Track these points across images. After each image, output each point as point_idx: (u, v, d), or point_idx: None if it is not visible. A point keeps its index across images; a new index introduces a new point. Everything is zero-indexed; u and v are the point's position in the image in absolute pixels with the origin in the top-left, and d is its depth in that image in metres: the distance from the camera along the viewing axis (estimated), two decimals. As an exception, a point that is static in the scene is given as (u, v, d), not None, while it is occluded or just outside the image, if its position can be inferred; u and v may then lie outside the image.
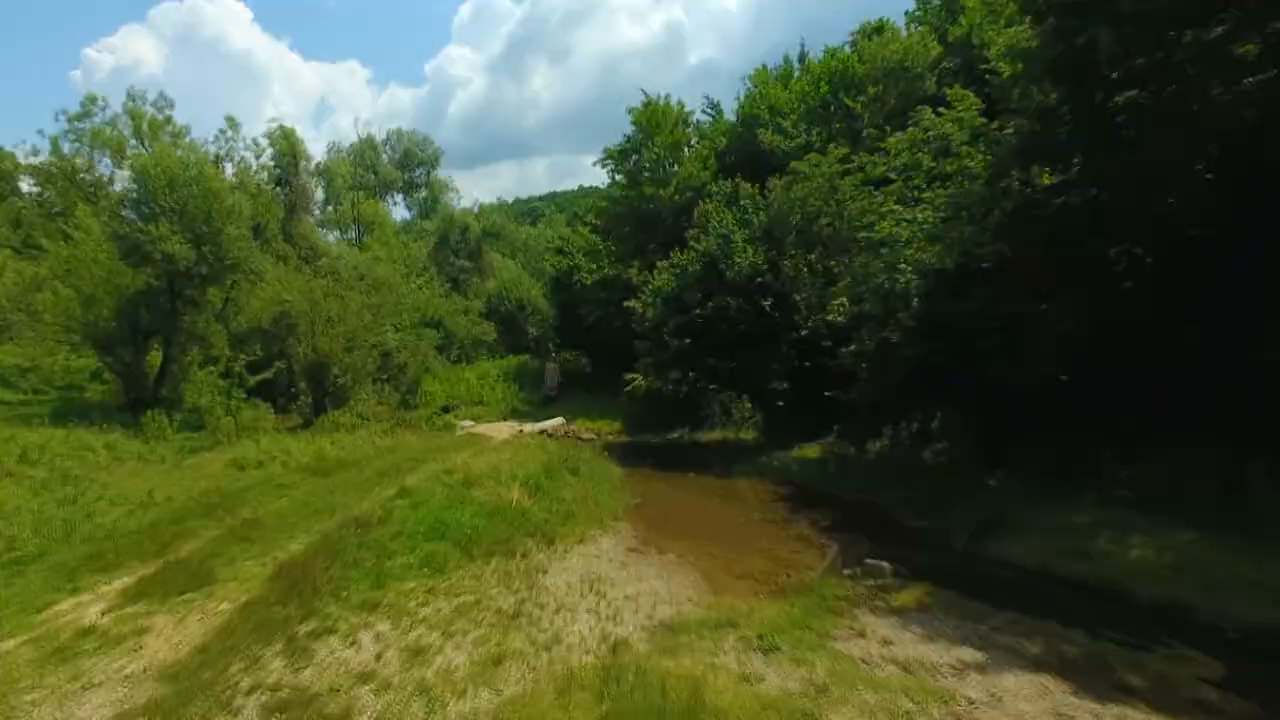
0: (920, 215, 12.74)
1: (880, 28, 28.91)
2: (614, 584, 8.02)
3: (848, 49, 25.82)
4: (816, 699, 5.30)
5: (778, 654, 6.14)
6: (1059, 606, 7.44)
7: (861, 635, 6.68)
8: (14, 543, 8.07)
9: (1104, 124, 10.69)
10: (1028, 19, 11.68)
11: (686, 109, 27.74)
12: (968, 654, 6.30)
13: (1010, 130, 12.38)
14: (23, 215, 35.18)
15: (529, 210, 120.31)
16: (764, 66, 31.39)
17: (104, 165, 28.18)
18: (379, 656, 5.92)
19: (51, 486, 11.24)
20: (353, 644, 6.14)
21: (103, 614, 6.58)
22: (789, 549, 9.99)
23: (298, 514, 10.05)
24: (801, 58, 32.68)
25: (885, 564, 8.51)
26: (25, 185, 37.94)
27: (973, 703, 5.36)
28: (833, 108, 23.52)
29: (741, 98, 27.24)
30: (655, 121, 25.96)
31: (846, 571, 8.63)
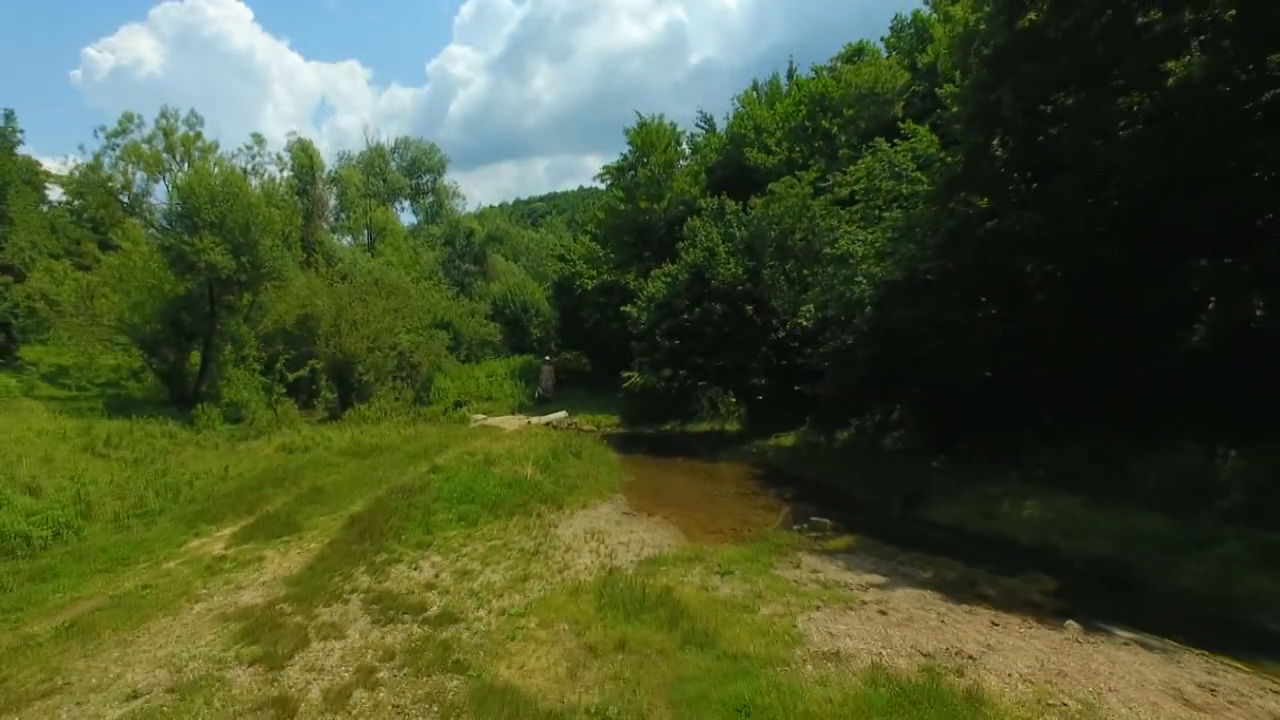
0: (870, 236, 14.88)
1: (861, 49, 31.19)
2: (610, 535, 10.17)
3: (833, 71, 27.93)
4: (754, 599, 7.45)
5: (731, 576, 8.28)
6: (956, 549, 9.61)
7: (797, 567, 8.82)
8: (142, 501, 10.22)
9: (1020, 163, 12.90)
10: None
11: (679, 129, 29.98)
12: (874, 578, 8.46)
13: (957, 160, 14.53)
14: (57, 222, 37.42)
15: (529, 211, 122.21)
16: (753, 86, 33.65)
17: (138, 178, 30.31)
18: (436, 576, 8.07)
19: (140, 464, 13.39)
20: (416, 568, 8.29)
21: (226, 548, 8.74)
22: (755, 514, 12.15)
23: (351, 484, 12.22)
24: (790, 74, 34.96)
25: (827, 521, 10.67)
26: (54, 194, 40.21)
27: (865, 603, 7.50)
28: (811, 129, 25.68)
29: (731, 117, 29.37)
30: (650, 140, 28.14)
31: (796, 527, 10.78)
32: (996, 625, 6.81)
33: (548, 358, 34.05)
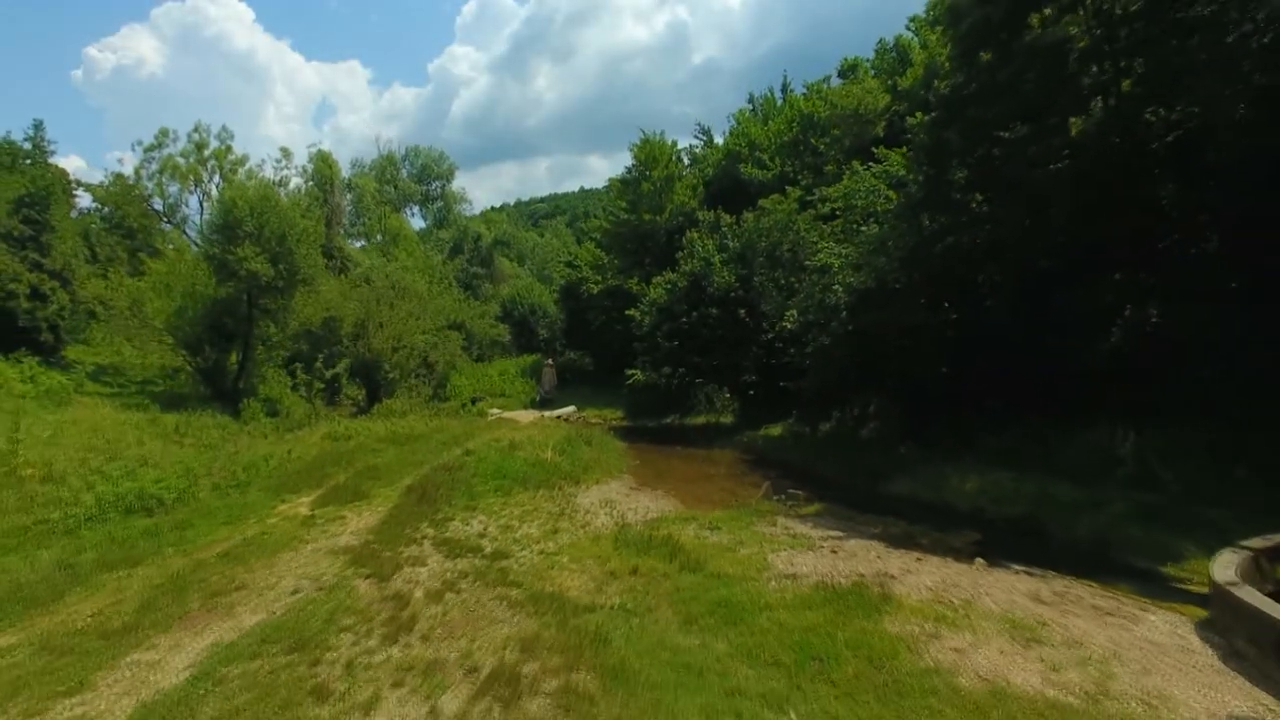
0: (844, 251, 16.98)
1: (855, 66, 33.38)
2: (621, 503, 12.26)
3: (821, 94, 30.04)
4: (735, 544, 9.54)
5: (719, 530, 10.37)
6: (905, 514, 11.68)
7: (773, 525, 10.91)
8: (234, 475, 12.31)
9: (970, 188, 14.98)
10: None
11: (677, 145, 32.17)
12: (834, 532, 10.54)
13: (919, 185, 16.60)
14: (90, 229, 39.58)
15: (531, 213, 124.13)
16: (749, 100, 35.74)
17: (173, 190, 32.42)
18: (485, 529, 10.16)
19: (212, 448, 15.47)
20: (468, 524, 10.38)
21: (311, 510, 10.85)
22: (742, 489, 14.24)
23: (398, 465, 14.32)
24: (785, 88, 37.12)
25: (801, 493, 12.78)
26: (84, 201, 42.37)
27: (822, 547, 9.60)
28: (801, 146, 27.79)
29: (728, 133, 31.50)
30: (652, 156, 30.29)
31: (775, 498, 12.88)
32: (920, 560, 8.90)
33: (549, 361, 35.99)
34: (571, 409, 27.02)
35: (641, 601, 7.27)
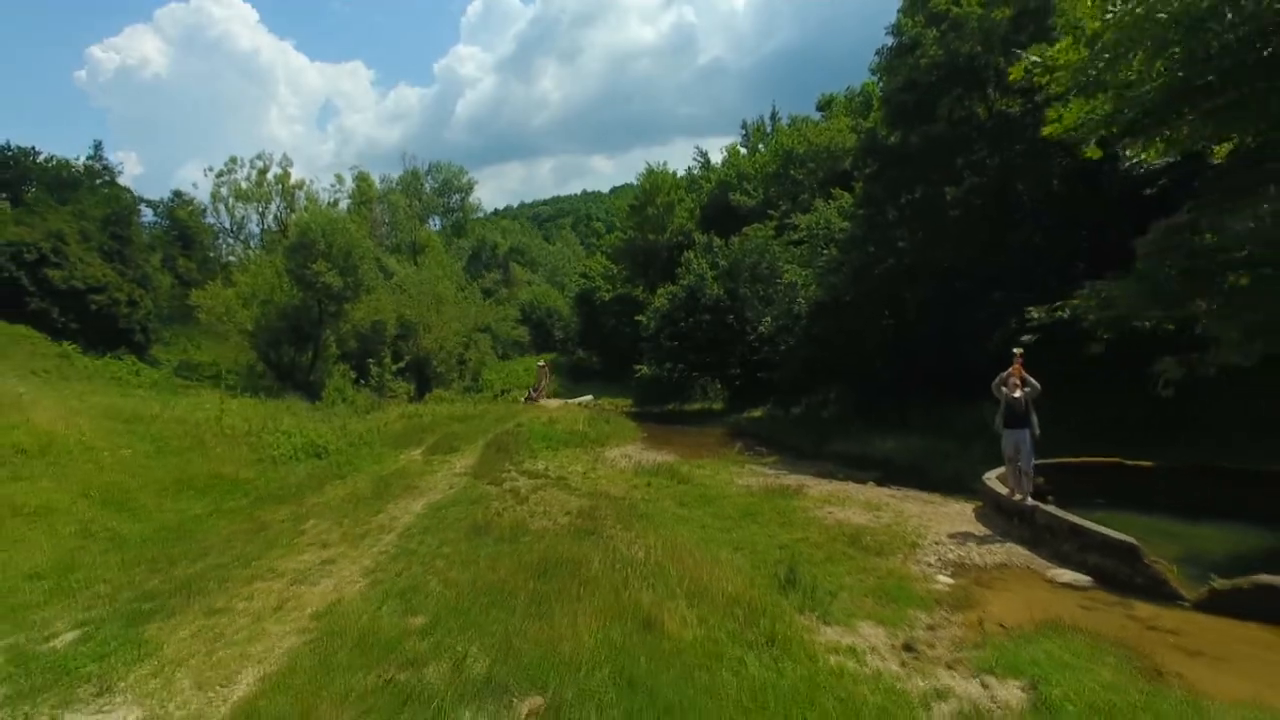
0: (804, 272, 21.91)
1: (830, 101, 38.38)
2: (636, 456, 17.18)
3: (798, 127, 35.01)
4: (714, 474, 14.46)
5: (704, 469, 15.27)
6: (836, 462, 16.60)
7: (741, 467, 15.83)
8: (363, 436, 17.20)
9: (898, 225, 19.87)
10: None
11: (679, 175, 37.36)
12: (781, 471, 15.44)
13: (860, 221, 21.48)
14: (157, 241, 44.61)
15: (534, 215, 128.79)
16: (742, 125, 40.70)
17: (238, 209, 37.39)
18: (546, 467, 15.05)
19: (324, 422, 20.35)
20: (534, 464, 15.27)
21: (424, 458, 15.77)
22: (724, 450, 19.16)
23: (469, 433, 19.24)
24: (773, 116, 42.16)
25: (764, 449, 17.70)
26: (149, 215, 47.40)
27: (769, 476, 14.49)
28: (782, 176, 32.76)
29: (719, 166, 36.55)
30: (656, 185, 35.41)
31: (747, 454, 17.80)
32: (830, 480, 13.82)
33: (542, 363, 40.07)
34: (589, 398, 32.00)
35: (654, 496, 12.20)
